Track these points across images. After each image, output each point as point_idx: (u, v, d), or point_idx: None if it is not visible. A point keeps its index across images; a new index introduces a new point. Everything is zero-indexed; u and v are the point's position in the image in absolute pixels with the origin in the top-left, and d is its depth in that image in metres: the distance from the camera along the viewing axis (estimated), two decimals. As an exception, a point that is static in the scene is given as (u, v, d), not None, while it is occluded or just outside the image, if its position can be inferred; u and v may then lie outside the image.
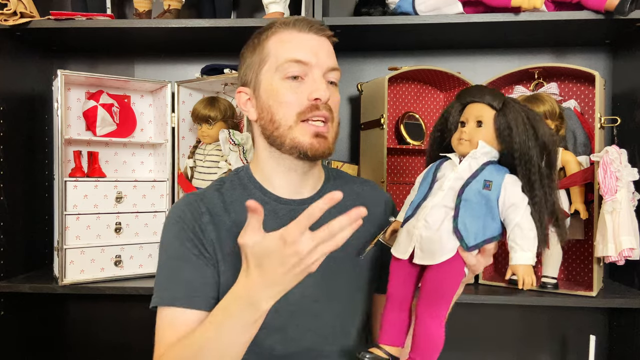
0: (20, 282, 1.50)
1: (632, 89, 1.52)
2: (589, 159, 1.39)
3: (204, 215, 0.93)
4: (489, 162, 0.83)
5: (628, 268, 1.46)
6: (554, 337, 1.71)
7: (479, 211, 0.81)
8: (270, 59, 0.92)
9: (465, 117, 0.87)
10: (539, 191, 0.81)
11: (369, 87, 1.58)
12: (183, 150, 1.64)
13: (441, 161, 0.89)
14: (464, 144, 0.85)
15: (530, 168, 0.81)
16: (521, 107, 0.83)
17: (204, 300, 0.89)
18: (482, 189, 0.81)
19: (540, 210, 0.81)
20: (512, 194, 0.80)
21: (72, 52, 1.77)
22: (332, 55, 0.94)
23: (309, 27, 0.92)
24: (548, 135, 0.82)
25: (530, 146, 0.80)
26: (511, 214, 0.80)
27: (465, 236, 0.80)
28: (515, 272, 0.80)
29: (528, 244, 0.80)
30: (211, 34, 1.54)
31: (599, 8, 1.34)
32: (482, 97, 0.85)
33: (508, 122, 0.82)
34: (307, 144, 0.90)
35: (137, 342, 1.78)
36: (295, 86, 0.90)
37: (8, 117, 1.53)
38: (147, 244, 1.57)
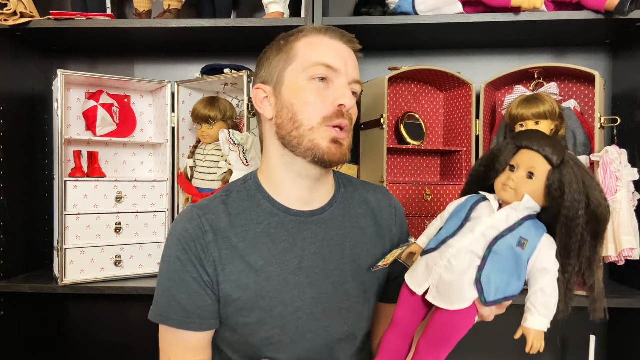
0: (20, 282, 1.50)
1: (632, 89, 1.52)
2: (589, 159, 1.39)
3: (208, 234, 0.90)
4: (528, 217, 0.79)
5: (628, 268, 1.46)
6: (554, 337, 1.71)
7: (507, 267, 0.76)
8: (298, 59, 0.90)
9: (516, 161, 0.81)
10: (574, 260, 0.77)
11: (369, 87, 1.58)
12: (183, 150, 1.64)
13: (479, 199, 0.84)
14: (508, 191, 0.80)
15: (572, 235, 0.76)
16: (580, 168, 0.77)
17: (197, 323, 0.90)
18: (516, 245, 0.76)
19: (570, 280, 0.78)
20: (545, 256, 0.77)
21: (72, 52, 1.77)
22: (357, 68, 0.94)
23: (340, 35, 0.92)
24: (602, 205, 0.76)
25: (579, 213, 0.75)
26: (539, 277, 0.77)
27: (487, 290, 0.76)
28: (526, 334, 0.78)
29: (547, 310, 0.77)
30: (211, 34, 1.54)
31: (599, 8, 1.34)
32: (541, 147, 0.78)
33: (562, 181, 0.76)
34: (325, 148, 0.88)
35: (137, 342, 1.79)
36: (321, 88, 0.89)
37: (8, 117, 1.53)
38: (147, 244, 1.57)
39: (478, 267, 0.77)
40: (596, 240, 0.77)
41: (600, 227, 0.77)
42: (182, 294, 0.90)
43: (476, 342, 1.72)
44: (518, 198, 0.79)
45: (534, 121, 1.39)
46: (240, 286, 0.89)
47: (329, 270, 0.93)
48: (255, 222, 0.93)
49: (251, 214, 0.93)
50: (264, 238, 0.92)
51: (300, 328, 0.91)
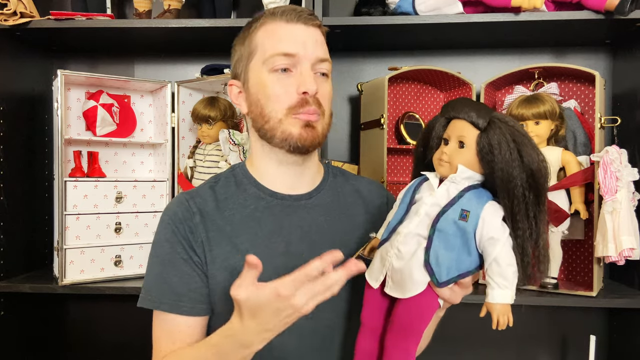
0: (20, 282, 1.50)
1: (632, 89, 1.52)
2: (589, 159, 1.39)
3: (195, 215, 0.91)
4: (470, 187, 0.76)
5: (628, 268, 1.46)
6: (554, 337, 1.71)
7: (454, 243, 0.74)
8: (258, 51, 0.91)
9: (448, 134, 0.78)
10: (522, 223, 0.73)
11: (369, 87, 1.58)
12: (183, 150, 1.64)
13: (421, 180, 0.82)
14: (444, 165, 0.77)
15: (514, 197, 0.72)
16: (509, 127, 0.74)
17: (189, 307, 0.89)
18: (458, 219, 0.73)
19: (524, 244, 0.73)
20: (490, 226, 0.73)
21: (72, 52, 1.77)
22: (321, 45, 0.91)
23: (297, 17, 0.90)
24: (537, 160, 0.73)
25: (514, 173, 0.72)
26: (488, 247, 0.73)
27: (437, 271, 0.74)
28: (491, 310, 0.74)
29: (505, 281, 0.73)
30: (211, 34, 1.54)
31: (599, 8, 1.34)
32: (466, 113, 0.76)
33: (491, 143, 0.73)
34: (297, 135, 0.88)
35: (137, 342, 1.78)
36: (283, 79, 0.88)
37: (8, 117, 1.53)
38: (147, 244, 1.57)
39: (425, 249, 0.74)
40: (538, 198, 0.74)
41: (540, 182, 0.73)
42: (172, 276, 0.89)
43: (476, 342, 1.72)
44: (453, 171, 0.76)
45: (534, 121, 1.39)
46: (227, 268, 0.89)
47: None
48: (241, 206, 0.93)
49: (238, 199, 0.94)
50: (250, 222, 0.92)
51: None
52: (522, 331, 1.71)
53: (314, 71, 0.90)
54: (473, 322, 1.74)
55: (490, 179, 0.75)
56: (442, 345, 1.69)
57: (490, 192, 0.76)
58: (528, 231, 0.73)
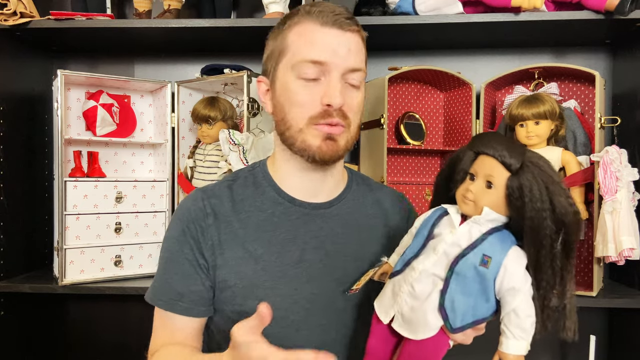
0: (20, 282, 1.50)
1: (632, 89, 1.52)
2: (589, 159, 1.39)
3: (209, 217, 0.89)
4: (494, 229, 0.71)
5: (628, 268, 1.46)
6: (554, 337, 1.71)
7: (472, 289, 0.69)
8: (288, 53, 0.86)
9: (475, 169, 0.72)
10: (547, 274, 0.69)
11: (369, 87, 1.58)
12: (183, 150, 1.64)
13: (442, 213, 0.76)
14: (468, 204, 0.72)
15: (541, 247, 0.67)
16: (542, 172, 0.68)
17: (185, 307, 0.88)
18: (479, 264, 0.68)
19: (545, 296, 0.70)
20: (512, 275, 0.68)
21: (72, 52, 1.77)
22: (355, 54, 0.86)
23: (333, 20, 0.84)
24: (570, 212, 0.67)
25: (544, 224, 0.67)
26: (508, 297, 0.69)
27: (451, 317, 0.70)
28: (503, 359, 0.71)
29: (523, 332, 0.70)
30: (211, 34, 1.54)
31: (599, 8, 1.34)
32: (498, 152, 0.70)
33: (522, 188, 0.67)
34: (316, 147, 0.85)
35: (137, 342, 1.78)
36: (310, 87, 0.84)
37: (8, 117, 1.53)
38: (147, 244, 1.57)
39: (440, 292, 0.70)
40: (567, 251, 0.69)
41: (570, 235, 0.69)
42: (174, 275, 0.89)
43: (476, 342, 1.72)
44: (478, 211, 0.71)
45: (534, 121, 1.39)
46: (238, 273, 0.88)
47: (331, 267, 0.91)
48: (258, 210, 0.91)
49: (255, 201, 0.92)
50: (265, 226, 0.90)
51: (295, 322, 0.89)
52: (522, 331, 1.71)
53: (344, 81, 0.85)
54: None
55: (516, 222, 0.70)
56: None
57: (515, 235, 0.72)
58: (552, 282, 0.70)
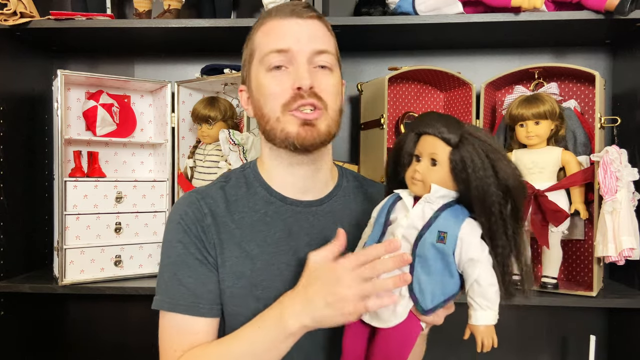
0: (20, 282, 1.50)
1: (632, 89, 1.52)
2: (589, 159, 1.39)
3: (207, 217, 0.90)
4: (445, 205, 0.72)
5: (628, 268, 1.46)
6: (554, 337, 1.71)
7: (435, 267, 0.71)
8: (257, 51, 0.90)
9: (419, 150, 0.75)
10: (501, 240, 0.70)
11: (369, 87, 1.58)
12: (183, 150, 1.64)
13: (396, 198, 0.78)
14: (417, 184, 0.74)
15: (490, 214, 0.69)
16: (481, 142, 0.70)
17: (207, 308, 0.87)
18: (436, 241, 0.70)
19: (504, 262, 0.71)
20: (469, 246, 0.70)
21: (72, 52, 1.77)
22: (318, 38, 0.88)
23: (290, 11, 0.88)
24: (512, 175, 0.70)
25: (490, 190, 0.68)
26: (468, 268, 0.70)
27: (421, 299, 0.71)
28: (474, 332, 0.73)
29: (488, 302, 0.71)
30: (211, 34, 1.54)
31: (599, 8, 1.34)
32: (436, 129, 0.72)
33: (464, 160, 0.69)
34: (295, 134, 0.86)
35: (137, 342, 1.79)
36: (278, 76, 0.87)
37: (8, 117, 1.53)
38: (147, 244, 1.57)
39: None
40: (516, 214, 0.71)
41: (517, 198, 0.70)
42: (188, 277, 0.87)
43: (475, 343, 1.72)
44: (427, 190, 0.73)
45: (534, 121, 1.39)
46: (235, 273, 0.88)
47: None
48: (251, 210, 0.92)
49: (248, 201, 0.93)
50: (259, 226, 0.91)
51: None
52: (522, 331, 1.71)
53: (312, 65, 0.87)
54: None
55: (466, 195, 0.72)
56: (441, 345, 1.69)
57: (467, 207, 0.73)
58: (508, 248, 0.71)
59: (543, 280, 1.42)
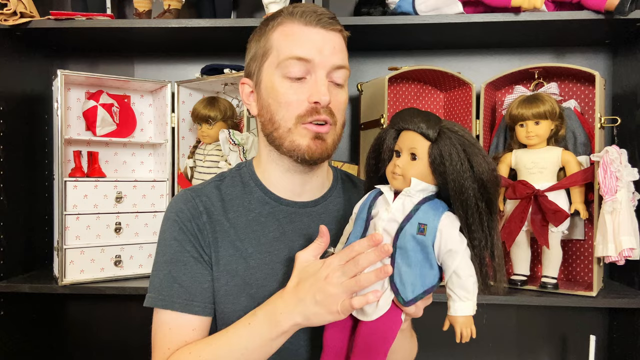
0: (20, 282, 1.50)
1: (632, 89, 1.52)
2: (589, 159, 1.39)
3: (203, 214, 0.90)
4: (425, 199, 0.74)
5: (628, 268, 1.46)
6: (554, 337, 1.71)
7: (415, 259, 0.72)
8: (273, 52, 0.88)
9: (399, 146, 0.77)
10: (478, 233, 0.72)
11: (369, 87, 1.58)
12: (183, 150, 1.64)
13: (377, 193, 0.80)
14: (397, 178, 0.75)
15: (467, 207, 0.71)
16: (458, 136, 0.73)
17: (201, 306, 0.88)
18: (417, 233, 0.72)
19: (481, 254, 0.73)
20: (448, 238, 0.72)
21: (72, 52, 1.77)
22: (339, 52, 0.88)
23: (316, 20, 0.86)
24: (486, 170, 0.71)
25: (465, 183, 0.71)
26: (447, 260, 0.72)
27: (402, 290, 0.72)
28: (453, 323, 0.74)
29: (467, 293, 0.73)
30: (211, 34, 1.54)
31: (599, 8, 1.34)
32: (415, 124, 0.74)
33: (442, 154, 0.72)
34: (305, 147, 0.86)
35: (137, 342, 1.78)
36: (296, 86, 0.86)
37: (8, 117, 1.53)
38: (147, 244, 1.57)
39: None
40: (490, 207, 0.73)
41: (491, 192, 0.72)
42: (183, 275, 0.88)
43: (476, 342, 1.72)
44: (407, 183, 0.75)
45: (534, 121, 1.39)
46: (229, 271, 0.89)
47: None
48: (246, 209, 0.92)
49: (243, 201, 0.93)
50: (254, 226, 0.91)
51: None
52: (522, 331, 1.71)
53: (329, 79, 0.87)
54: (473, 322, 1.75)
55: (444, 189, 0.74)
56: (441, 346, 1.69)
57: (446, 202, 0.75)
58: (484, 241, 0.73)
59: (543, 280, 1.42)
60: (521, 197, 1.38)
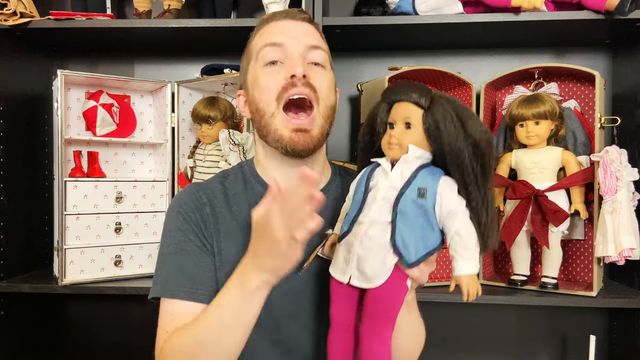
0: (20, 282, 1.50)
1: (632, 89, 1.52)
2: (589, 159, 1.39)
3: (206, 206, 0.94)
4: (422, 166, 0.77)
5: (628, 268, 1.46)
6: (554, 337, 1.71)
7: (417, 222, 0.74)
8: (253, 53, 0.95)
9: (392, 118, 0.79)
10: (474, 193, 0.74)
11: (369, 87, 1.58)
12: (183, 150, 1.64)
13: (374, 167, 0.82)
14: (394, 148, 0.78)
15: (463, 169, 0.74)
16: (450, 103, 0.76)
17: (206, 294, 0.89)
18: (417, 197, 0.74)
19: (479, 213, 0.75)
20: (448, 200, 0.74)
21: (72, 52, 1.77)
22: (311, 35, 0.93)
23: (285, 15, 0.94)
24: (479, 131, 0.73)
25: (460, 146, 0.73)
26: (449, 221, 0.74)
27: (405, 253, 0.74)
28: (459, 283, 0.75)
29: (469, 252, 0.75)
30: (211, 34, 1.54)
31: (599, 8, 1.34)
32: (407, 95, 0.77)
33: (436, 120, 0.74)
34: (287, 138, 0.89)
35: (137, 342, 1.79)
36: (274, 71, 0.90)
37: (8, 117, 1.53)
38: (147, 244, 1.57)
39: (390, 233, 0.75)
40: (484, 167, 0.75)
41: (485, 154, 0.74)
42: (188, 264, 0.89)
43: (476, 342, 1.72)
44: (405, 151, 0.77)
45: (534, 121, 1.39)
46: (231, 262, 0.89)
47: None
48: (248, 204, 0.94)
49: (245, 196, 0.96)
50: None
51: (287, 313, 0.91)
52: (522, 331, 1.71)
53: (306, 61, 0.91)
54: (473, 322, 1.75)
55: (439, 156, 0.76)
56: (442, 346, 1.69)
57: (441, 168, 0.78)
58: (480, 200, 0.75)
59: (543, 280, 1.42)
60: (521, 197, 1.38)
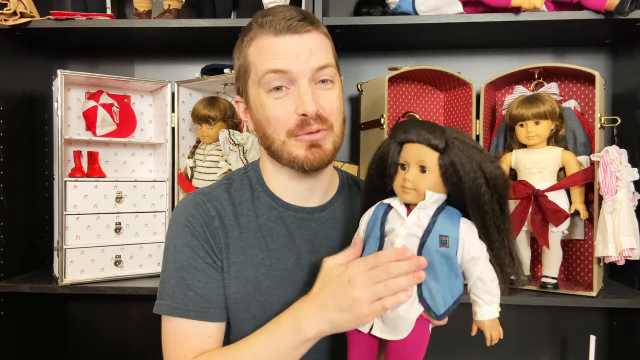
0: (20, 282, 1.50)
1: (632, 89, 1.52)
2: (589, 159, 1.39)
3: (214, 219, 0.89)
4: (439, 209, 0.74)
5: (628, 268, 1.46)
6: (554, 337, 1.71)
7: (442, 272, 0.72)
8: (252, 70, 0.87)
9: (404, 159, 0.75)
10: (495, 235, 0.74)
11: (369, 87, 1.58)
12: (183, 150, 1.64)
13: (386, 209, 0.78)
14: (409, 192, 0.74)
15: (484, 213, 0.72)
16: (466, 145, 0.73)
17: (218, 312, 0.86)
18: (440, 246, 0.72)
19: (500, 256, 0.74)
20: (470, 245, 0.73)
21: (72, 52, 1.77)
22: (317, 52, 0.84)
23: (286, 27, 0.83)
24: (498, 174, 0.72)
25: (482, 190, 0.71)
26: (471, 267, 0.73)
27: (433, 305, 0.73)
28: (482, 327, 0.75)
29: (492, 297, 0.74)
30: (211, 34, 1.54)
31: (599, 8, 1.34)
32: (421, 136, 0.73)
33: (454, 164, 0.72)
34: (303, 157, 0.85)
35: (137, 342, 1.79)
36: (280, 99, 0.84)
37: (8, 117, 1.53)
38: (147, 244, 1.57)
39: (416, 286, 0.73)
40: (503, 208, 0.74)
41: (503, 196, 0.74)
42: (198, 282, 0.86)
43: (476, 342, 1.72)
44: (421, 197, 0.74)
45: (534, 121, 1.39)
46: (239, 278, 0.88)
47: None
48: (255, 215, 0.91)
49: (252, 205, 0.92)
50: (263, 231, 0.90)
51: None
52: (522, 331, 1.71)
53: (314, 81, 0.84)
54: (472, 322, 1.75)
55: (454, 196, 0.75)
56: (442, 346, 1.69)
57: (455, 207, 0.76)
58: (501, 242, 0.74)
59: (543, 280, 1.42)
60: (521, 197, 1.38)
